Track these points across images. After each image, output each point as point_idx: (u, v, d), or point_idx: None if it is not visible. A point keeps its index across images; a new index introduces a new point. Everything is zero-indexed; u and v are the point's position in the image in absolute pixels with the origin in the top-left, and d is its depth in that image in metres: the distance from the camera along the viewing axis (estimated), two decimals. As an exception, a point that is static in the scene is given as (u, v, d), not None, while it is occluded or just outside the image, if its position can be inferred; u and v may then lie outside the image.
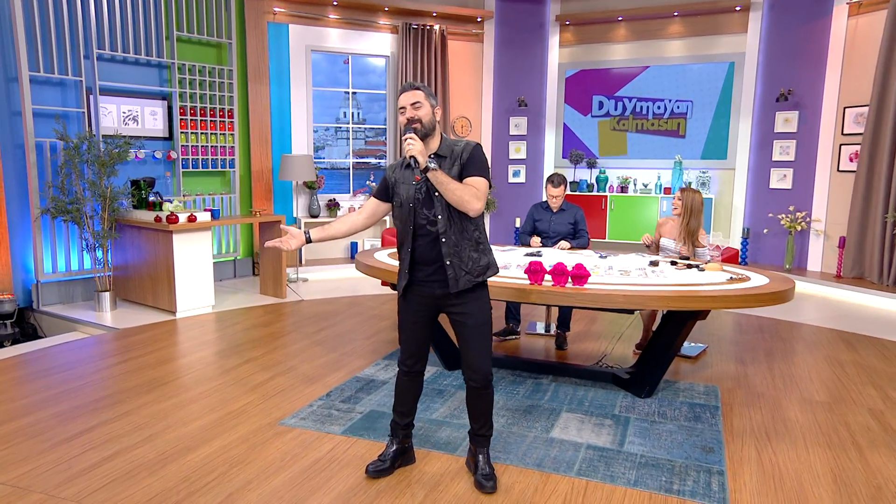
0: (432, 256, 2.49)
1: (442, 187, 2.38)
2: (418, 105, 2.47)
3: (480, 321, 2.53)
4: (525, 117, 8.22)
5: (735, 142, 7.52)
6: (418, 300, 2.57)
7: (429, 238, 2.48)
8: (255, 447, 2.89)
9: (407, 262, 2.53)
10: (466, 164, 2.46)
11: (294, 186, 7.29)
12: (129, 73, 6.04)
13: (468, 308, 2.51)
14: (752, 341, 4.81)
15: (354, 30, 7.48)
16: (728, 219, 7.63)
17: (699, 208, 4.35)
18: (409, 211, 2.49)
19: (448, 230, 2.45)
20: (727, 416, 3.37)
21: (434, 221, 2.46)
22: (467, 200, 2.39)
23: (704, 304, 3.13)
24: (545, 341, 4.75)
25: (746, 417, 3.36)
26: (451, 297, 2.51)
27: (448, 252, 2.45)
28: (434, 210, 2.45)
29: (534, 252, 4.30)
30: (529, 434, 3.10)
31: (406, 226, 2.51)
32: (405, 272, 2.55)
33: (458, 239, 2.47)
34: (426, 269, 2.51)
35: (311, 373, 3.94)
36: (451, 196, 2.38)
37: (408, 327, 2.63)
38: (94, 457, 2.77)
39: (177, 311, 5.28)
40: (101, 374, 3.87)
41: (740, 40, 7.39)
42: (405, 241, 2.53)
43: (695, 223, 4.35)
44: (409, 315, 2.61)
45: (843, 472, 2.78)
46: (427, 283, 2.53)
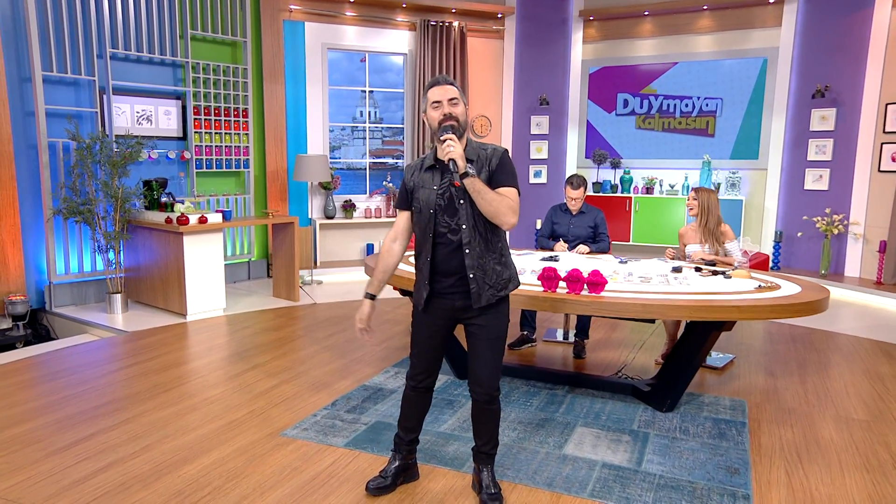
0: (453, 267, 2.35)
1: (478, 196, 2.23)
2: (455, 102, 2.31)
3: (496, 335, 2.42)
4: (547, 116, 8.07)
5: (767, 141, 7.27)
6: (437, 313, 2.43)
7: (449, 247, 2.34)
8: (254, 460, 2.82)
9: (426, 273, 2.38)
10: (496, 172, 2.33)
11: (309, 187, 7.25)
12: (142, 72, 6.06)
13: (487, 321, 2.40)
14: (783, 352, 4.61)
15: (372, 27, 7.42)
16: (759, 221, 7.37)
17: (716, 205, 4.23)
18: (428, 218, 2.34)
19: (472, 241, 2.32)
20: (755, 433, 3.20)
21: (455, 230, 2.32)
22: (504, 213, 2.25)
23: (729, 314, 2.97)
24: (563, 349, 4.61)
25: (776, 436, 3.18)
26: (473, 311, 2.39)
27: (472, 264, 2.32)
28: (457, 218, 2.32)
29: (550, 257, 4.16)
30: (541, 450, 2.97)
31: (425, 233, 2.36)
32: (425, 283, 2.40)
33: (482, 251, 2.34)
34: (446, 281, 2.37)
35: (317, 380, 3.86)
36: (487, 207, 2.24)
37: (423, 342, 2.49)
38: (89, 467, 2.72)
39: (187, 314, 5.26)
40: (106, 378, 3.85)
41: (774, 34, 7.14)
42: (423, 249, 2.39)
43: (713, 220, 4.21)
44: (426, 329, 2.47)
45: (882, 498, 2.59)
46: (447, 295, 2.39)
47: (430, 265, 2.36)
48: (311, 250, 7.01)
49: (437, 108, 2.30)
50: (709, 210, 4.21)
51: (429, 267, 2.37)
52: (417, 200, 2.38)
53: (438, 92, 2.31)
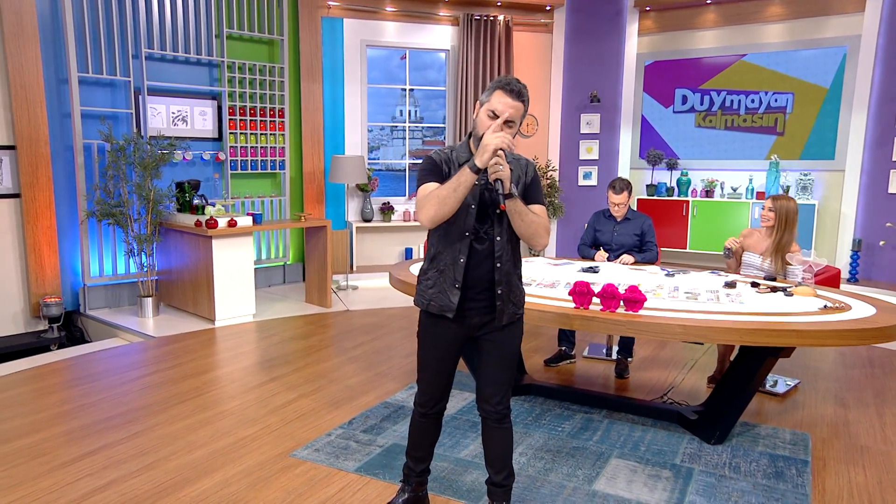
0: (481, 280, 2.19)
1: (518, 217, 2.10)
2: (512, 124, 2.11)
3: (512, 351, 2.30)
4: (598, 114, 7.77)
5: (846, 139, 6.76)
6: (455, 330, 2.26)
7: (479, 258, 2.18)
8: (258, 483, 2.73)
9: (457, 278, 2.17)
10: (530, 187, 2.22)
11: (346, 189, 7.21)
12: (178, 72, 6.14)
13: (504, 337, 2.26)
14: (857, 378, 4.22)
15: (412, 23, 7.32)
16: (835, 228, 6.87)
17: (794, 219, 3.84)
18: (466, 214, 2.14)
19: (504, 254, 2.19)
20: (819, 474, 2.90)
21: (483, 238, 2.17)
22: (541, 235, 2.15)
23: (786, 339, 2.68)
24: (604, 367, 4.36)
25: (844, 478, 2.86)
26: (491, 328, 2.25)
27: (500, 279, 2.19)
28: (487, 226, 2.17)
29: (589, 267, 3.94)
30: (568, 484, 2.76)
31: (458, 232, 2.16)
32: (454, 286, 2.18)
33: (511, 266, 2.22)
34: (471, 294, 2.20)
35: (337, 395, 3.76)
36: (526, 229, 2.12)
37: (437, 363, 2.30)
38: (88, 485, 2.69)
39: (216, 320, 5.27)
40: (124, 387, 3.86)
41: (855, 21, 6.63)
42: (451, 250, 2.17)
43: (788, 237, 3.84)
44: (440, 348, 2.28)
45: (968, 560, 2.27)
46: (468, 313, 2.22)
47: (462, 270, 2.17)
48: (348, 254, 6.96)
49: (491, 118, 2.10)
50: (786, 223, 3.83)
51: (461, 272, 2.17)
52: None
53: (503, 102, 2.08)
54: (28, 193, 5.27)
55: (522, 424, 3.37)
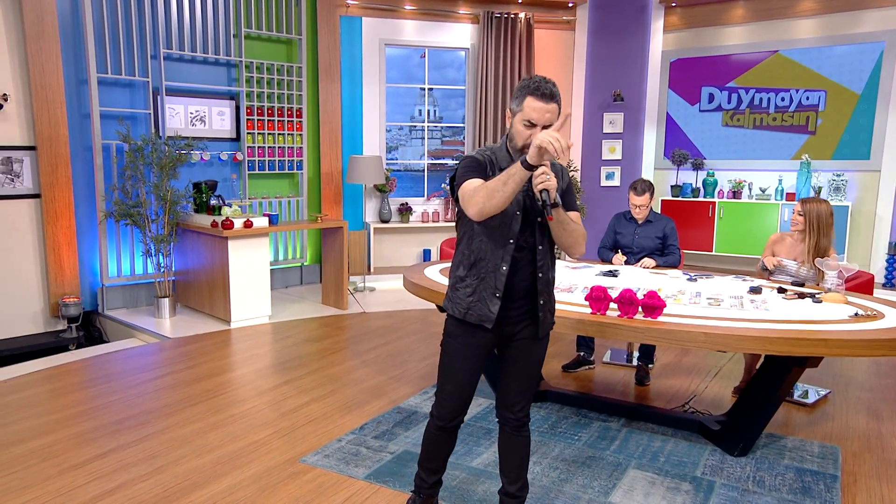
0: (523, 290, 2.16)
1: (561, 227, 2.08)
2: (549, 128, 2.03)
3: (539, 359, 2.29)
4: (621, 113, 7.66)
5: (882, 138, 6.58)
6: (490, 340, 2.20)
7: (521, 266, 2.14)
8: (266, 489, 2.72)
9: (498, 288, 2.12)
10: (567, 194, 2.19)
11: (364, 189, 7.21)
12: (196, 72, 6.19)
13: (532, 345, 2.24)
14: (892, 388, 4.08)
15: (432, 21, 7.29)
16: (869, 231, 6.69)
17: (829, 221, 3.72)
18: (512, 220, 2.10)
19: (545, 263, 2.18)
20: (849, 490, 2.80)
21: (522, 247, 2.13)
22: (581, 244, 2.14)
23: (813, 349, 2.59)
24: (624, 374, 4.28)
25: (876, 495, 2.76)
26: (520, 335, 2.22)
27: (542, 289, 2.18)
28: (529, 233, 2.13)
29: (609, 271, 3.86)
30: (583, 495, 2.70)
31: (502, 239, 2.10)
32: (495, 295, 2.12)
33: (551, 275, 2.22)
34: (511, 304, 2.16)
35: (350, 399, 3.74)
36: (568, 238, 2.10)
37: (462, 375, 2.22)
38: (97, 489, 2.70)
39: (231, 321, 5.30)
40: (137, 389, 3.89)
41: (893, 15, 6.45)
42: (493, 257, 2.12)
43: (826, 241, 3.73)
44: (471, 359, 2.21)
45: None
46: (507, 320, 2.18)
47: (504, 278, 2.11)
48: (365, 255, 6.96)
49: (528, 127, 2.05)
50: (819, 226, 3.71)
51: (503, 280, 2.11)
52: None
53: (538, 108, 2.01)
54: (48, 194, 5.36)
55: (538, 433, 3.31)
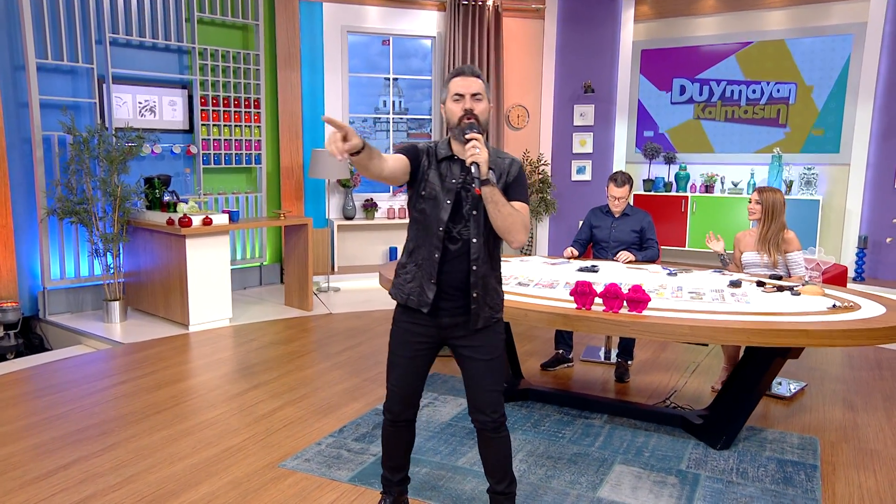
0: (456, 280, 2.28)
1: (495, 207, 2.18)
2: (479, 97, 2.26)
3: (494, 355, 2.35)
4: (592, 105, 7.90)
5: (851, 132, 6.95)
6: (425, 331, 2.34)
7: (454, 257, 2.27)
8: (247, 495, 2.77)
9: (430, 271, 2.26)
10: (513, 184, 2.31)
11: (327, 185, 7.24)
12: (145, 59, 6.13)
13: (482, 341, 2.33)
14: (866, 380, 4.37)
15: (396, 7, 7.37)
16: (839, 225, 7.06)
17: (781, 209, 4.05)
18: (441, 209, 2.25)
19: (480, 256, 2.27)
20: (828, 479, 3.02)
21: (457, 238, 2.26)
22: (518, 230, 2.22)
23: (796, 339, 2.80)
24: (602, 371, 4.47)
25: (854, 483, 2.99)
26: (465, 331, 2.32)
27: (475, 282, 2.27)
28: (460, 227, 2.26)
29: (588, 267, 4.03)
30: (572, 491, 2.85)
31: (434, 227, 2.26)
32: (430, 281, 2.26)
33: (487, 269, 2.31)
34: (444, 293, 2.29)
35: (325, 402, 3.82)
36: (502, 221, 2.19)
37: (404, 362, 2.37)
38: (64, 500, 2.71)
39: (189, 325, 5.29)
40: (96, 396, 3.87)
41: (861, 7, 6.82)
42: (427, 244, 2.27)
43: (776, 227, 4.03)
44: (411, 345, 2.35)
45: (979, 562, 2.40)
46: (443, 310, 2.31)
47: (437, 265, 2.25)
48: (329, 254, 7.00)
49: (458, 101, 2.26)
50: (773, 214, 4.03)
51: (435, 267, 2.26)
52: (432, 187, 2.28)
53: (462, 84, 2.27)
54: (-17, 190, 5.25)
55: (521, 431, 3.45)
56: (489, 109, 2.31)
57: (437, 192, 2.27)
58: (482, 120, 2.25)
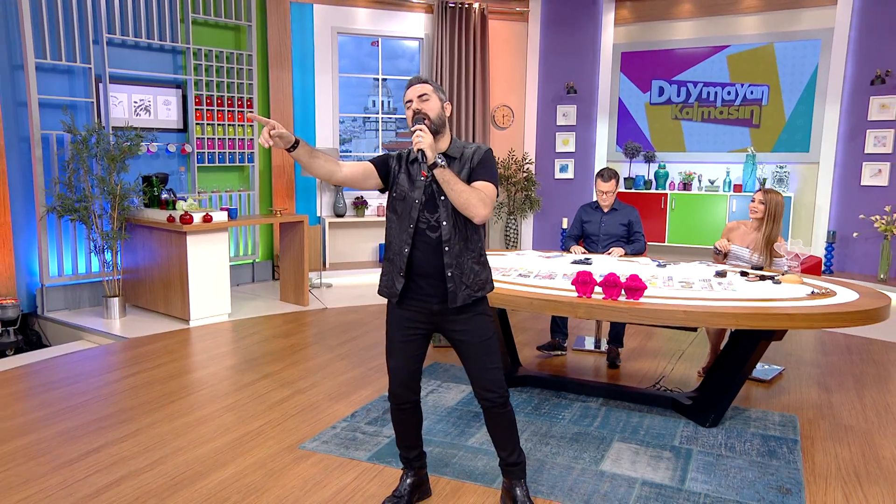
0: (431, 267, 2.47)
1: (447, 187, 2.39)
2: (425, 98, 2.49)
3: (485, 336, 2.54)
4: (574, 105, 8.15)
5: (819, 132, 7.30)
6: (413, 317, 2.54)
7: (428, 246, 2.47)
8: (273, 474, 2.94)
9: (400, 264, 2.49)
10: (476, 168, 2.50)
11: (318, 183, 7.38)
12: (140, 59, 6.21)
13: (470, 325, 2.52)
14: (838, 364, 4.66)
15: (385, 9, 7.54)
16: (810, 220, 7.41)
17: (781, 212, 4.27)
18: (411, 207, 2.48)
19: (452, 238, 2.46)
20: (808, 451, 3.27)
21: (435, 227, 2.46)
22: (474, 204, 2.40)
23: (779, 322, 3.05)
24: (594, 359, 4.70)
25: (831, 454, 3.25)
26: (451, 314, 2.50)
27: (450, 262, 2.46)
28: (437, 214, 2.46)
29: (582, 259, 4.26)
30: (576, 465, 3.06)
31: (405, 224, 2.49)
32: (399, 274, 2.49)
33: (461, 248, 2.48)
34: (423, 282, 2.49)
35: (333, 390, 3.98)
36: (457, 198, 2.39)
37: (398, 349, 2.58)
38: (100, 481, 2.85)
39: (190, 320, 5.40)
40: (108, 388, 3.99)
41: (828, 14, 7.17)
42: (399, 241, 2.51)
43: (776, 231, 4.26)
44: (401, 332, 2.56)
45: (945, 520, 2.66)
46: (423, 298, 2.51)
47: (407, 259, 2.48)
48: (320, 251, 7.14)
49: (409, 107, 2.51)
50: (775, 215, 4.24)
51: (405, 260, 2.48)
52: (401, 188, 2.52)
53: (409, 92, 2.53)
54: (-17, 188, 5.30)
55: (523, 413, 3.66)
56: (441, 106, 2.52)
57: (405, 192, 2.50)
58: (434, 115, 2.46)
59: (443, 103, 2.52)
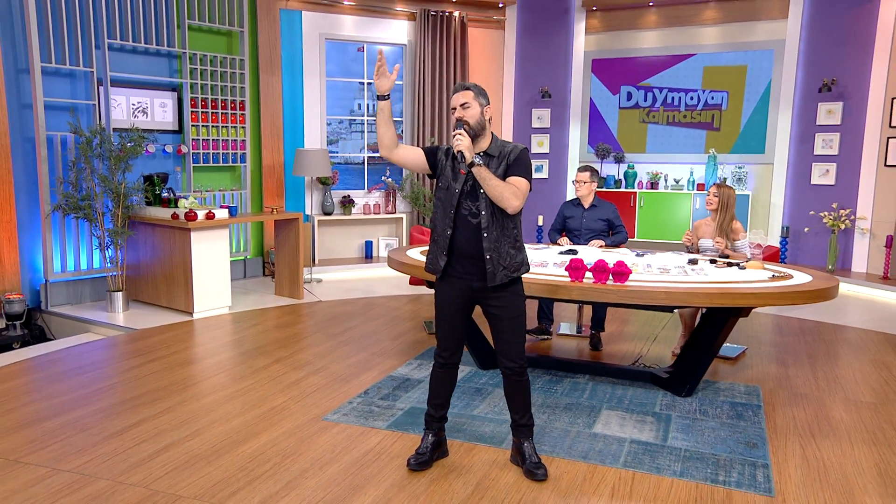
0: (471, 249, 2.86)
1: (484, 182, 2.78)
2: (467, 106, 2.88)
3: (517, 314, 2.95)
4: (548, 109, 8.59)
5: (774, 135, 7.87)
6: (457, 292, 2.94)
7: (469, 230, 2.86)
8: (304, 440, 3.26)
9: (444, 245, 2.88)
10: (512, 165, 2.89)
11: (307, 182, 7.67)
12: (138, 63, 6.43)
13: (505, 302, 2.91)
14: (793, 343, 5.17)
15: (370, 17, 7.87)
16: (766, 217, 7.98)
17: (733, 203, 4.79)
18: (453, 197, 2.87)
19: (490, 225, 2.85)
20: (770, 414, 3.73)
21: (476, 214, 2.85)
22: (507, 198, 2.80)
23: (747, 301, 3.49)
24: (577, 342, 5.11)
25: (789, 416, 3.71)
26: (489, 291, 2.90)
27: (488, 246, 2.84)
28: (478, 203, 2.85)
29: (567, 250, 4.67)
30: (572, 429, 3.46)
31: (447, 210, 2.88)
32: (442, 253, 2.89)
33: (498, 234, 2.87)
34: (465, 262, 2.88)
35: (343, 372, 4.31)
36: (492, 192, 2.79)
37: (446, 319, 2.98)
38: (149, 449, 3.14)
39: (194, 312, 5.65)
40: (132, 373, 4.25)
41: (780, 27, 7.74)
42: (442, 225, 2.90)
43: (729, 217, 4.76)
44: (447, 305, 2.96)
45: (888, 466, 3.13)
46: (465, 276, 2.90)
47: (449, 240, 2.87)
48: (310, 247, 7.42)
49: (454, 112, 2.91)
50: (728, 205, 4.75)
51: (448, 241, 2.87)
52: (445, 179, 2.92)
53: (454, 99, 2.93)
54: (-10, 187, 5.47)
55: (520, 388, 4.04)
56: (482, 111, 2.91)
57: (449, 182, 2.91)
58: (473, 122, 2.87)
59: (483, 108, 2.90)
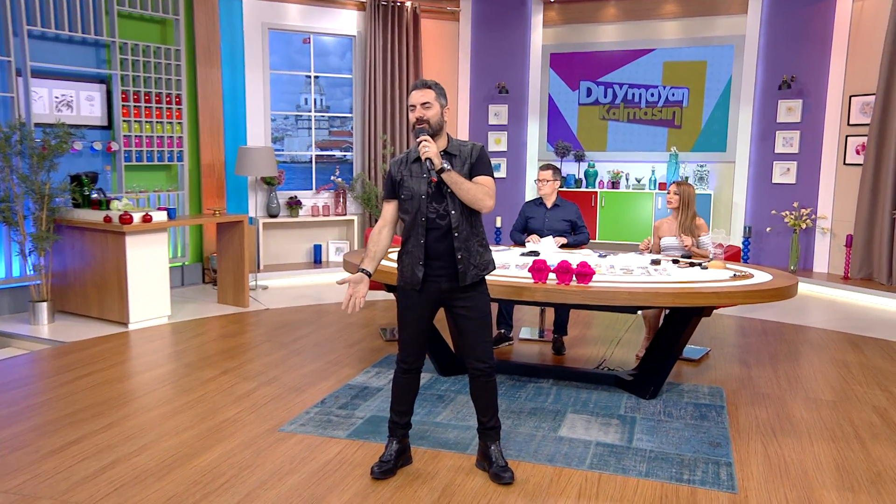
0: (441, 250, 3.02)
1: (456, 187, 2.96)
2: (428, 105, 3.02)
3: (484, 312, 3.14)
4: (506, 105, 8.83)
5: (735, 132, 8.28)
6: (424, 295, 3.09)
7: (438, 232, 3.02)
8: (261, 452, 3.35)
9: (419, 255, 3.03)
10: (476, 164, 3.08)
11: (250, 183, 7.69)
12: (62, 52, 6.37)
13: (473, 302, 3.09)
14: (755, 344, 5.49)
15: (316, 6, 7.96)
16: (728, 216, 8.38)
17: (693, 201, 5.14)
18: (419, 203, 3.02)
19: (461, 224, 3.02)
20: (733, 415, 3.99)
21: (444, 215, 3.01)
22: (481, 199, 3.00)
23: (709, 300, 3.75)
24: (539, 346, 5.33)
25: (752, 416, 3.98)
26: (458, 292, 3.06)
27: (459, 246, 3.01)
28: (445, 204, 3.01)
29: (530, 251, 4.87)
30: (538, 433, 3.65)
31: (416, 219, 3.03)
32: (419, 264, 3.03)
33: (468, 233, 3.05)
34: (435, 264, 3.04)
35: (297, 382, 4.40)
36: (466, 195, 2.97)
37: (412, 324, 3.13)
38: (93, 465, 3.18)
39: (129, 323, 5.64)
40: (66, 388, 4.25)
41: (740, 22, 8.16)
42: (413, 233, 3.05)
43: (690, 215, 5.07)
44: (416, 311, 3.11)
45: (845, 461, 3.41)
46: (435, 278, 3.06)
47: (423, 248, 3.01)
48: (255, 252, 7.45)
49: (413, 111, 3.04)
50: (689, 203, 5.05)
51: (422, 250, 3.02)
52: (408, 189, 3.06)
53: (413, 96, 3.03)
54: None
55: (482, 394, 4.21)
56: (441, 111, 3.07)
57: (413, 191, 3.05)
58: (433, 122, 3.02)
59: (443, 108, 3.05)
